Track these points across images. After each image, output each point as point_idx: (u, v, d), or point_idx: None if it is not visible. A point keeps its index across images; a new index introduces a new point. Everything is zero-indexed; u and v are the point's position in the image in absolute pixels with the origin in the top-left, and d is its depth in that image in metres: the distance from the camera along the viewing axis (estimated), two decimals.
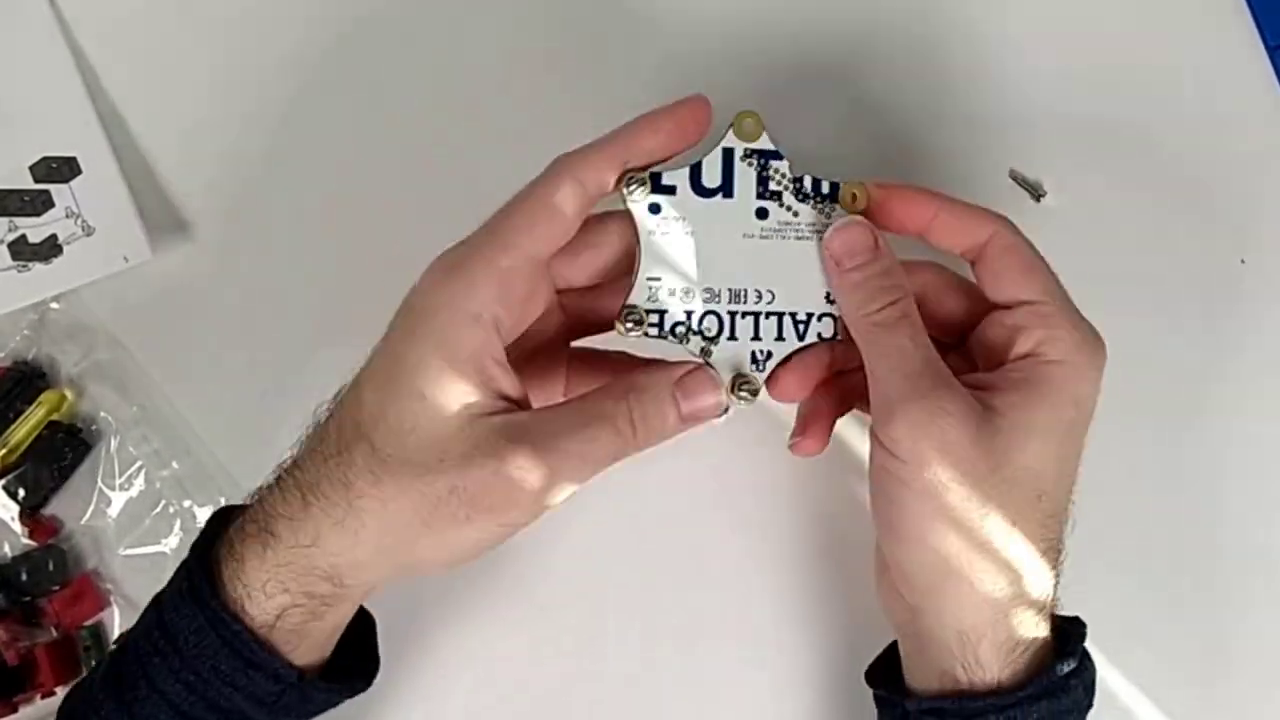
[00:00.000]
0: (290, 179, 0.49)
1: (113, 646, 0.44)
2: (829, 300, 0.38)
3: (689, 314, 0.37)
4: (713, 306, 0.38)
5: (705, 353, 0.37)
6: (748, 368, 0.38)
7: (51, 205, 0.47)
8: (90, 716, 0.36)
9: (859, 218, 0.38)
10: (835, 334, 0.39)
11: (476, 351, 0.34)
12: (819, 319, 0.38)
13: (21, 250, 0.46)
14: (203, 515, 0.46)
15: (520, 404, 0.36)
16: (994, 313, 0.38)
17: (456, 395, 0.34)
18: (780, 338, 0.38)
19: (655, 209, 0.37)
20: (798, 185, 0.38)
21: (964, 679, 0.35)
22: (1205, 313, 0.49)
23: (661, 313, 0.37)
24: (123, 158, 0.48)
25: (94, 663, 0.46)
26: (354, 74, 0.49)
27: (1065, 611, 0.37)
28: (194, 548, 0.37)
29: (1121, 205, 0.49)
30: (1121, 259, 0.48)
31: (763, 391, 0.38)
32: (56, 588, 0.46)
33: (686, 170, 0.38)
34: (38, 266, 0.46)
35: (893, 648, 0.40)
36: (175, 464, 0.47)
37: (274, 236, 0.48)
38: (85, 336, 0.47)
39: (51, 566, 0.46)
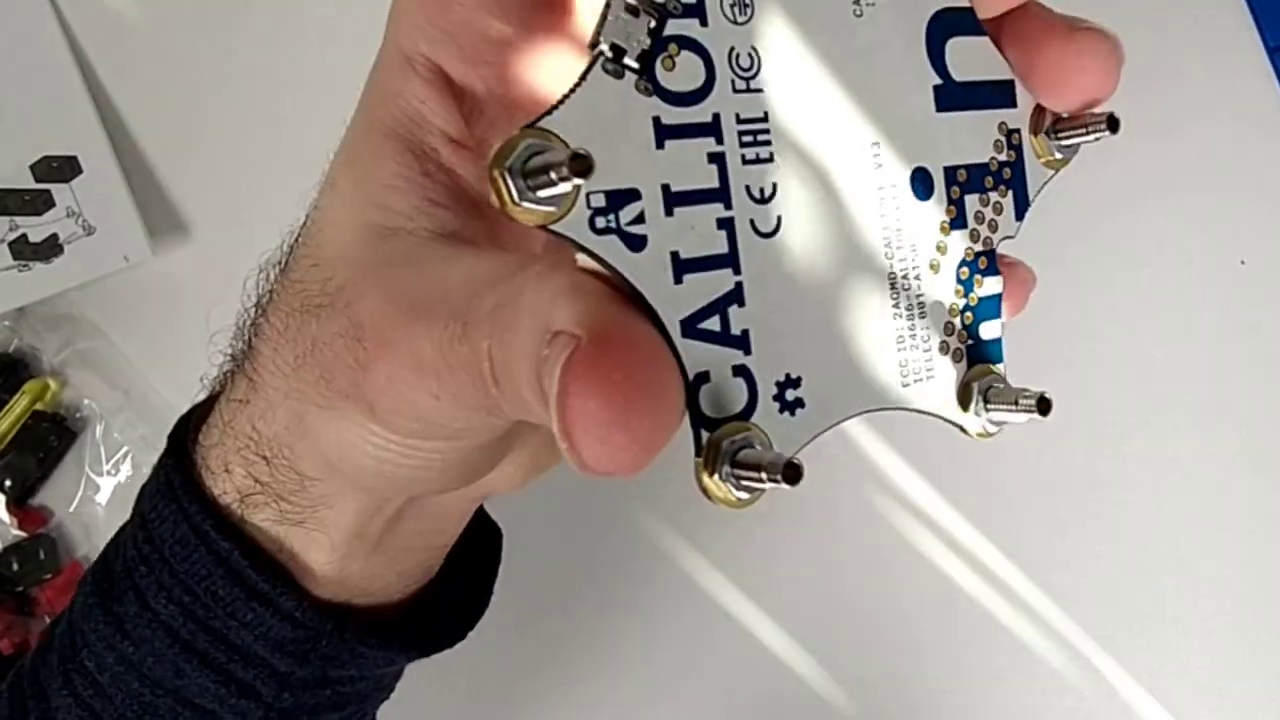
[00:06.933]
0: (289, 179, 0.49)
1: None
2: None
3: None
4: None
5: None
6: None
7: (52, 205, 0.47)
8: (84, 624, 0.27)
9: None
10: None
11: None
12: None
13: (22, 250, 0.47)
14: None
15: None
16: None
17: None
18: None
19: None
20: None
21: None
22: (1205, 313, 0.48)
23: None
24: (123, 158, 0.48)
25: None
26: (355, 74, 0.49)
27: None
28: (171, 438, 0.27)
29: (1121, 205, 0.49)
30: (1121, 259, 0.48)
31: None
32: (48, 576, 0.46)
33: None
34: (38, 266, 0.47)
35: None
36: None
37: (273, 237, 0.49)
38: (65, 326, 0.48)
39: (42, 555, 0.46)
